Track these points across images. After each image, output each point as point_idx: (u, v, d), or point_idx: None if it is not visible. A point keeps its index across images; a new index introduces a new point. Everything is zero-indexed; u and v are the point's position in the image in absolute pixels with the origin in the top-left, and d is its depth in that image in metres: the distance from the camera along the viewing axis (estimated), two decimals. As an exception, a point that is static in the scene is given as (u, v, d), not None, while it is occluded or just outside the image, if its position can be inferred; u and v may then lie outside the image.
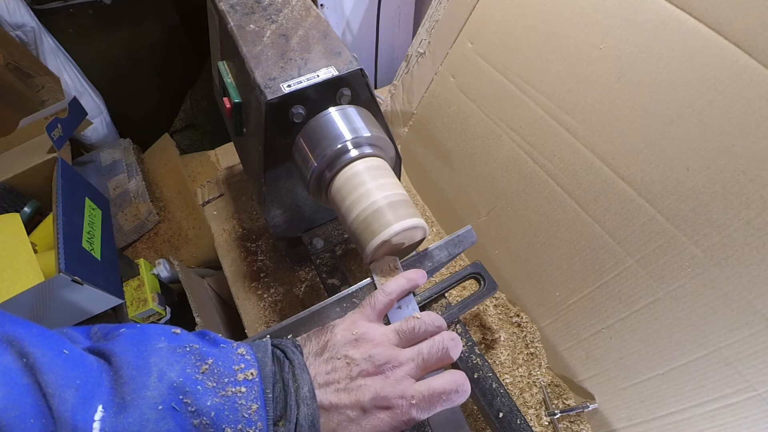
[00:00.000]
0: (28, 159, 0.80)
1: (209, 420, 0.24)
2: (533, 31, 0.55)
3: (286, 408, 0.27)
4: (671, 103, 0.42)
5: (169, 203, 1.04)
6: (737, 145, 0.38)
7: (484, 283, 0.50)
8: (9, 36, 0.95)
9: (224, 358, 0.27)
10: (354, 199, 0.39)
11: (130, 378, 0.24)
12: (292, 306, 0.66)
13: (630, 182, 0.46)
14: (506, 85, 0.58)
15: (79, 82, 1.15)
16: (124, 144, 1.13)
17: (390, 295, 0.36)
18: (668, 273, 0.44)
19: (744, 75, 0.38)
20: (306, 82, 0.40)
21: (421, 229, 0.39)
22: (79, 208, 0.75)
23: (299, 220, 0.58)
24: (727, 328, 0.40)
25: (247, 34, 0.44)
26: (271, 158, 0.45)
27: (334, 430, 0.29)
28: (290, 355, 0.30)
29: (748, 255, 0.38)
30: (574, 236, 0.52)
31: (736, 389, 0.40)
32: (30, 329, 0.23)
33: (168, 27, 1.42)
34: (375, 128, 0.43)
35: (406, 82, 0.76)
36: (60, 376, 0.22)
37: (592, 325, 0.52)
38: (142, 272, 0.84)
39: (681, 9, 0.41)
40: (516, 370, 0.58)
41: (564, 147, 0.52)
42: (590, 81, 0.49)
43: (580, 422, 0.53)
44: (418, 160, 0.76)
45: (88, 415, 0.22)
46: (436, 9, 0.69)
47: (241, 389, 0.26)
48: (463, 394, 0.31)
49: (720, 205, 0.40)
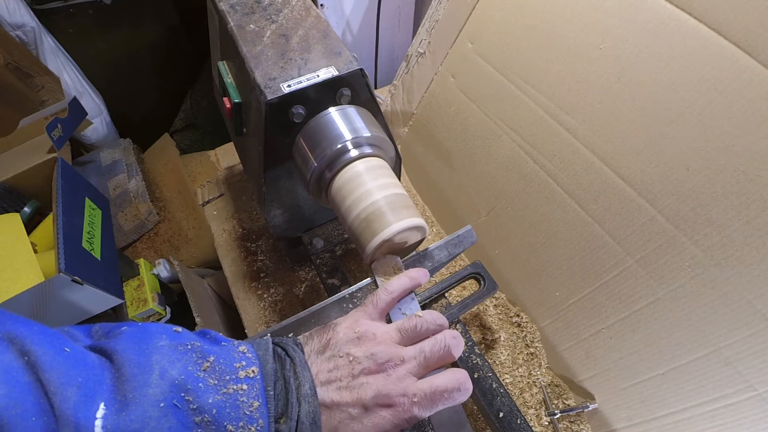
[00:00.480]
0: (28, 159, 0.80)
1: (211, 417, 0.24)
2: (533, 31, 0.55)
3: (288, 405, 0.27)
4: (671, 103, 0.42)
5: (169, 203, 1.04)
6: (737, 145, 0.38)
7: (484, 283, 0.50)
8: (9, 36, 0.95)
9: (225, 356, 0.27)
10: (354, 199, 0.39)
11: (132, 375, 0.24)
12: (292, 306, 0.66)
13: (630, 182, 0.46)
14: (506, 85, 0.58)
15: (79, 82, 1.15)
16: (124, 144, 1.13)
17: (392, 293, 0.36)
18: (668, 273, 0.44)
19: (744, 75, 0.38)
20: (306, 82, 0.40)
21: (421, 229, 0.39)
22: (79, 208, 0.75)
23: (299, 220, 0.58)
24: (727, 328, 0.40)
25: (247, 34, 0.44)
26: (271, 158, 0.45)
27: (336, 428, 0.29)
28: (291, 353, 0.30)
29: (748, 255, 0.38)
30: (574, 236, 0.52)
31: (736, 389, 0.40)
32: (31, 327, 0.23)
33: (168, 27, 1.41)
34: (375, 128, 0.43)
35: (406, 82, 0.76)
36: (62, 374, 0.22)
37: (592, 325, 0.52)
38: (142, 272, 0.84)
39: (681, 9, 0.41)
40: (516, 370, 0.58)
41: (564, 147, 0.52)
42: (590, 81, 0.49)
43: (580, 422, 0.53)
44: (418, 160, 0.76)
45: (90, 413, 0.22)
46: (436, 9, 0.69)
47: (242, 387, 0.26)
48: (465, 392, 0.31)
49: (720, 205, 0.40)
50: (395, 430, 0.30)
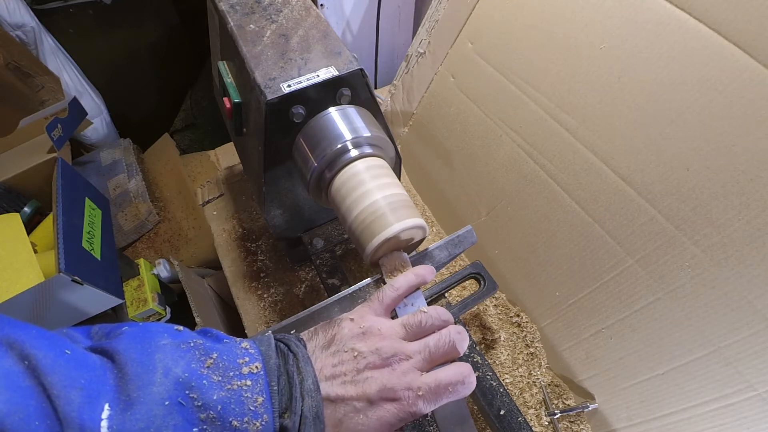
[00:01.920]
0: (28, 159, 0.80)
1: (216, 414, 0.25)
2: (533, 31, 0.55)
3: (291, 400, 0.28)
4: (671, 103, 0.42)
5: (169, 203, 1.04)
6: (737, 145, 0.38)
7: (484, 283, 0.50)
8: (9, 36, 0.96)
9: (228, 353, 0.27)
10: (354, 199, 0.39)
11: (136, 375, 0.24)
12: (292, 306, 0.66)
13: (630, 182, 0.46)
14: (506, 85, 0.58)
15: (79, 82, 1.15)
16: (124, 144, 1.13)
17: (398, 290, 0.36)
18: (668, 273, 0.44)
19: (744, 75, 0.38)
20: (306, 82, 0.40)
21: (421, 229, 0.39)
22: (79, 208, 0.75)
23: (299, 220, 0.58)
24: (727, 328, 0.40)
25: (247, 34, 0.45)
26: (271, 158, 0.45)
27: (341, 421, 0.29)
28: (294, 348, 0.30)
29: (748, 255, 0.38)
30: (574, 236, 0.52)
31: (736, 389, 0.40)
32: (29, 331, 0.23)
33: (168, 27, 1.42)
34: (375, 128, 0.43)
35: (406, 82, 0.76)
36: (64, 376, 0.22)
37: (592, 325, 0.52)
38: (142, 272, 0.84)
39: (681, 9, 0.41)
40: (516, 370, 0.58)
41: (564, 147, 0.52)
42: (590, 81, 0.49)
43: (580, 422, 0.53)
44: (418, 160, 0.76)
45: (95, 414, 0.22)
46: (436, 9, 0.69)
47: (246, 382, 0.26)
48: (468, 385, 0.31)
49: (720, 205, 0.40)
50: (400, 423, 0.30)
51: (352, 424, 0.29)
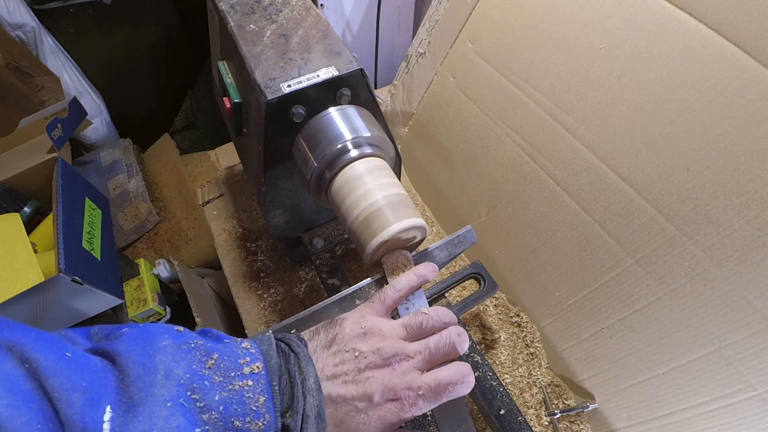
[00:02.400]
0: (28, 159, 0.80)
1: (218, 414, 0.25)
2: (533, 31, 0.55)
3: (293, 399, 0.28)
4: (671, 103, 0.42)
5: (169, 203, 1.04)
6: (737, 145, 0.38)
7: (484, 283, 0.50)
8: (9, 36, 0.95)
9: (229, 353, 0.27)
10: (354, 199, 0.39)
11: (137, 377, 0.24)
12: (292, 306, 0.66)
13: (630, 182, 0.46)
14: (506, 85, 0.58)
15: (79, 82, 1.15)
16: (124, 144, 1.13)
17: (400, 291, 0.36)
18: (668, 273, 0.44)
19: (744, 75, 0.38)
20: (306, 82, 0.40)
21: (421, 229, 0.39)
22: (79, 208, 0.75)
23: (299, 220, 0.58)
24: (727, 328, 0.40)
25: (247, 34, 0.44)
26: (271, 158, 0.45)
27: (342, 420, 0.29)
28: (295, 348, 0.31)
29: (748, 255, 0.38)
30: (574, 236, 0.52)
31: (736, 389, 0.40)
32: (29, 334, 0.23)
33: (168, 27, 1.41)
34: (375, 128, 0.43)
35: (406, 82, 0.76)
36: (65, 379, 0.22)
37: (592, 325, 0.52)
38: (142, 272, 0.84)
39: (681, 9, 0.41)
40: (516, 370, 0.58)
41: (564, 147, 0.52)
42: (590, 81, 0.49)
43: (580, 422, 0.53)
44: (418, 160, 0.76)
45: (97, 417, 0.22)
46: (436, 9, 0.69)
47: (247, 383, 0.26)
48: (468, 385, 0.31)
49: (720, 205, 0.40)
50: (400, 422, 0.30)
51: (354, 424, 0.29)
